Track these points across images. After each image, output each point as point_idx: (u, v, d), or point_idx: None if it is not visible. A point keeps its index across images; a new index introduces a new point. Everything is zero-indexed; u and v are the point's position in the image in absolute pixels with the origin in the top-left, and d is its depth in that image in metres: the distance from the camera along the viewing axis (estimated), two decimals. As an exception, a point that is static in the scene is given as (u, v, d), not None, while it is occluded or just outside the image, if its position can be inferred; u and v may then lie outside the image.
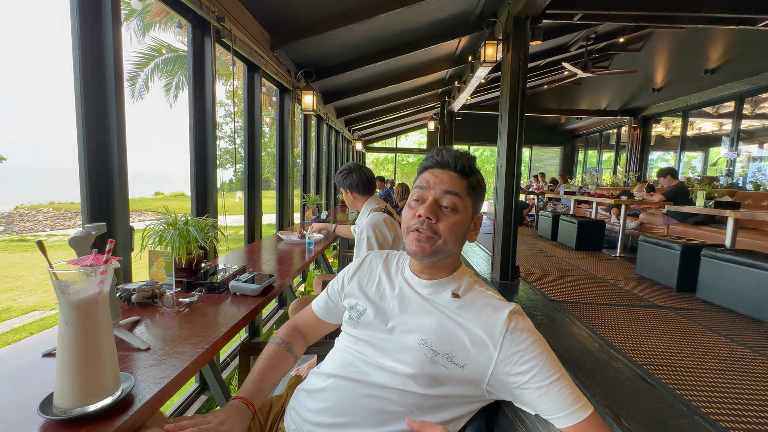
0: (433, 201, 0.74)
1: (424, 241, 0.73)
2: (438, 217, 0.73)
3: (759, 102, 5.85)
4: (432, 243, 0.73)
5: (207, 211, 2.08)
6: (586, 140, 11.31)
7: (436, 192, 0.74)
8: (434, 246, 0.73)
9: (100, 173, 1.36)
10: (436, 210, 0.73)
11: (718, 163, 6.66)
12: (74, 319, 0.59)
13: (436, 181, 0.75)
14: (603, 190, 6.88)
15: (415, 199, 0.77)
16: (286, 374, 0.90)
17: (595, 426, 0.62)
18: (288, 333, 0.93)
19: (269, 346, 0.88)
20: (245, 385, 0.78)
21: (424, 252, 0.73)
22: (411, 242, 0.75)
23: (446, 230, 0.73)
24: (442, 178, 0.75)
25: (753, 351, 2.11)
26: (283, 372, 0.85)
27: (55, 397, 0.60)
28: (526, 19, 3.17)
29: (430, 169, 0.78)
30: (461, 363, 0.68)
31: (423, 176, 0.78)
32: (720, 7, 3.22)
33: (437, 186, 0.75)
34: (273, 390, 0.82)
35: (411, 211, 0.76)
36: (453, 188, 0.74)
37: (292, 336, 0.92)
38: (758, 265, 2.50)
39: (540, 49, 6.30)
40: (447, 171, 0.76)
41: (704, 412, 1.50)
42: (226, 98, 13.56)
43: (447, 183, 0.75)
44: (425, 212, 0.72)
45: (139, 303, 1.12)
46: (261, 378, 0.79)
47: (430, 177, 0.77)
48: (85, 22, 1.29)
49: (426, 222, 0.73)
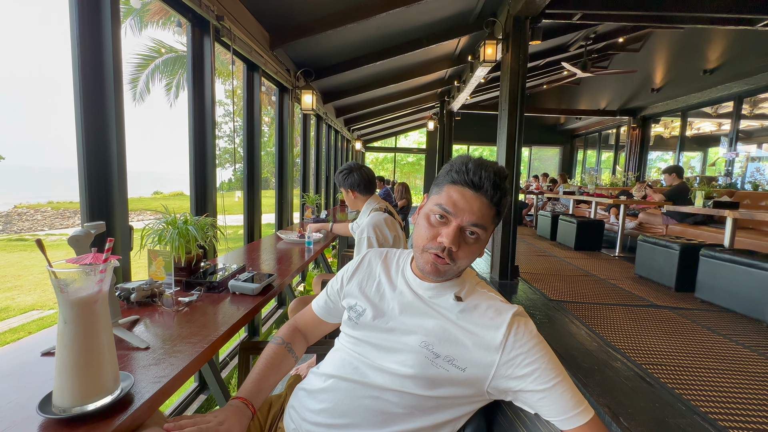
0: (457, 228, 0.68)
1: (441, 266, 0.70)
2: (459, 245, 0.69)
3: (758, 102, 5.86)
4: (447, 268, 0.71)
5: (206, 211, 2.08)
6: (585, 140, 11.32)
7: (463, 220, 0.68)
8: (449, 271, 0.72)
9: (99, 172, 1.36)
10: (459, 240, 0.69)
11: (717, 163, 6.67)
12: (73, 318, 0.59)
13: (466, 208, 0.68)
14: (602, 190, 6.89)
15: (437, 215, 0.70)
16: (287, 374, 0.89)
17: (595, 430, 0.62)
18: (289, 333, 0.92)
19: (270, 345, 0.88)
20: (245, 385, 0.77)
21: (437, 274, 0.71)
22: (426, 263, 0.71)
23: (464, 257, 0.70)
24: (473, 205, 0.68)
25: (751, 350, 2.11)
26: (283, 372, 0.85)
27: (54, 395, 0.60)
28: (525, 18, 3.17)
29: (460, 187, 0.69)
30: (462, 366, 0.68)
31: (451, 194, 0.69)
32: (719, 7, 3.22)
33: (465, 214, 0.68)
34: (273, 390, 0.82)
35: (430, 230, 0.70)
36: (481, 220, 0.68)
37: (293, 336, 0.92)
38: (757, 264, 2.51)
39: (539, 48, 6.31)
40: (480, 197, 0.68)
41: (703, 411, 1.51)
42: (225, 97, 13.55)
43: (477, 214, 0.68)
44: (449, 242, 0.68)
45: (139, 302, 1.11)
46: (261, 378, 0.79)
47: (459, 199, 0.69)
48: (84, 21, 1.29)
49: (447, 250, 0.69)
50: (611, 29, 6.60)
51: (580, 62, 6.52)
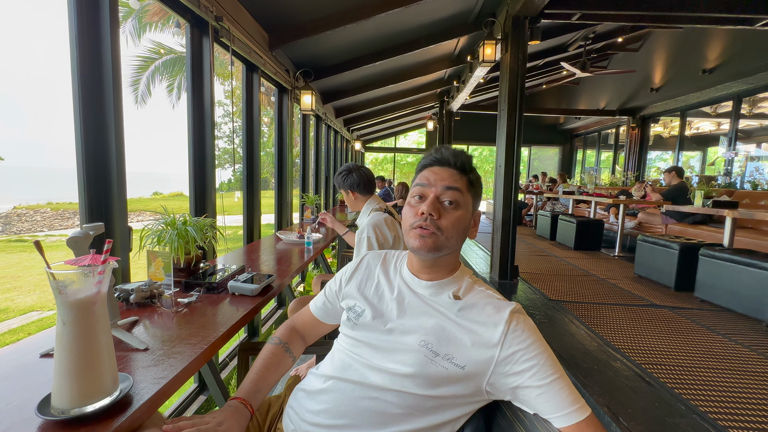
0: (434, 197, 0.74)
1: (427, 236, 0.73)
2: (440, 213, 0.73)
3: (757, 102, 5.87)
4: (435, 239, 0.73)
5: (206, 211, 2.08)
6: (584, 140, 11.33)
7: (438, 188, 0.75)
8: (437, 241, 0.73)
9: (98, 173, 1.36)
10: (438, 206, 0.74)
11: (716, 162, 6.68)
12: (72, 320, 0.58)
13: (437, 178, 0.75)
14: (601, 190, 6.90)
15: (416, 196, 0.77)
16: (285, 374, 0.89)
17: (592, 427, 0.62)
18: (286, 333, 0.92)
19: (267, 346, 0.88)
20: (243, 386, 0.78)
21: (427, 247, 0.73)
22: (414, 238, 0.74)
23: (448, 226, 0.73)
24: (443, 174, 0.76)
25: (751, 350, 2.11)
26: (281, 372, 0.85)
27: (53, 397, 0.60)
28: (524, 18, 3.17)
29: (429, 167, 0.78)
30: (461, 364, 0.68)
31: (422, 174, 0.78)
32: (718, 7, 3.23)
33: (438, 182, 0.75)
34: (272, 390, 0.82)
35: (412, 209, 0.76)
36: (454, 184, 0.75)
37: (290, 336, 0.92)
38: (756, 264, 2.51)
39: (539, 48, 6.31)
40: (447, 168, 0.77)
41: (702, 410, 1.51)
42: (225, 98, 13.54)
43: (448, 179, 0.75)
44: (428, 208, 0.73)
45: (138, 303, 1.11)
46: (259, 378, 0.79)
47: (430, 174, 0.77)
48: (82, 21, 1.29)
49: (429, 218, 0.73)
50: (610, 29, 6.61)
51: (579, 62, 6.52)
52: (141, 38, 8.50)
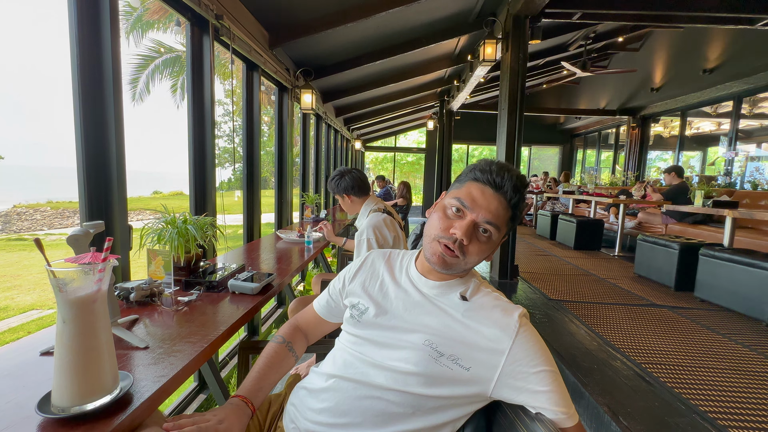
0: (471, 223, 0.70)
1: (449, 258, 0.71)
2: (470, 239, 0.70)
3: (757, 102, 5.87)
4: (455, 261, 0.71)
5: (206, 210, 2.08)
6: (584, 139, 11.32)
7: (479, 216, 0.70)
8: (456, 264, 0.72)
9: (98, 171, 1.35)
10: (471, 233, 0.70)
11: (717, 162, 6.67)
12: (72, 318, 0.58)
13: (483, 205, 0.70)
14: (601, 190, 6.89)
15: (453, 208, 0.72)
16: (287, 373, 0.89)
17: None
18: (289, 332, 0.92)
19: (270, 344, 0.87)
20: (245, 384, 0.77)
21: (443, 265, 0.72)
22: (433, 252, 0.72)
23: (474, 253, 0.71)
24: (491, 203, 0.70)
25: (751, 350, 2.12)
26: (283, 371, 0.85)
27: (53, 395, 0.60)
28: (525, 18, 3.17)
29: (481, 185, 0.72)
30: (467, 365, 0.68)
31: (470, 190, 0.72)
32: (719, 7, 3.23)
33: (482, 210, 0.70)
34: (273, 389, 0.82)
35: (444, 221, 0.72)
36: (496, 220, 0.70)
37: (294, 335, 0.92)
38: (756, 264, 2.51)
39: (539, 48, 6.30)
40: (499, 197, 0.71)
41: (702, 410, 1.51)
42: (225, 97, 13.52)
43: (493, 212, 0.70)
44: (461, 234, 0.69)
45: (138, 302, 1.11)
46: (261, 377, 0.79)
47: (479, 195, 0.71)
48: (82, 20, 1.28)
49: (458, 242, 0.70)
50: (611, 29, 6.60)
51: (579, 62, 6.51)
52: (144, 37, 8.50)
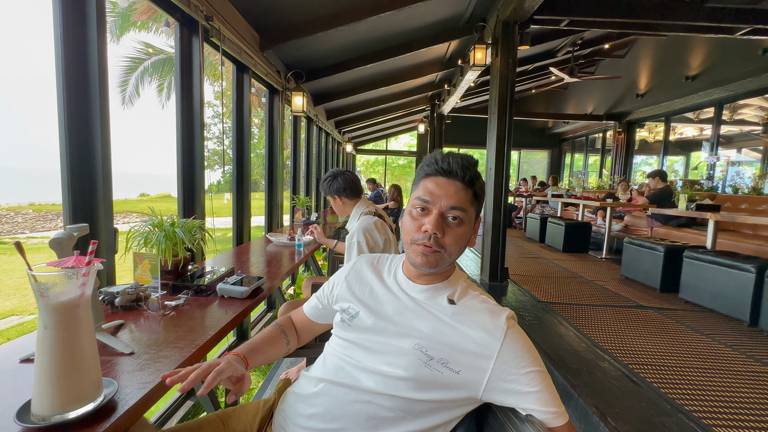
0: (438, 215, 0.70)
1: (431, 255, 0.71)
2: (444, 231, 0.71)
3: (737, 108, 6.05)
4: (438, 256, 0.71)
5: (194, 213, 2.05)
6: (572, 144, 11.51)
7: (442, 206, 0.71)
8: (440, 259, 0.72)
9: (83, 173, 1.32)
10: (442, 224, 0.71)
11: (699, 167, 6.86)
12: (54, 323, 0.57)
13: (442, 194, 0.71)
14: (589, 193, 7.02)
15: (418, 208, 0.73)
16: (280, 356, 0.91)
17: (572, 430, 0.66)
18: (286, 321, 0.95)
19: (265, 327, 0.91)
20: (239, 348, 0.79)
21: (429, 265, 0.72)
22: (416, 255, 0.72)
23: (452, 243, 0.71)
24: (448, 190, 0.71)
25: (734, 350, 2.17)
26: (276, 350, 0.87)
27: (33, 404, 0.58)
28: (514, 24, 3.22)
29: (433, 177, 0.73)
30: (456, 369, 0.68)
31: (426, 185, 0.73)
32: (700, 16, 3.33)
33: (443, 199, 0.71)
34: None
35: (414, 222, 0.73)
36: (459, 203, 0.71)
37: (288, 325, 0.95)
38: (737, 266, 2.58)
39: (528, 53, 6.40)
40: (453, 181, 0.72)
41: (688, 410, 1.54)
42: (214, 99, 13.40)
43: (453, 197, 0.71)
44: (432, 228, 0.70)
45: (123, 306, 1.09)
46: (256, 344, 0.82)
47: (434, 188, 0.72)
48: (68, 18, 1.26)
49: (433, 237, 0.70)
50: (597, 36, 6.75)
51: (567, 67, 6.64)
52: (126, 34, 8.35)
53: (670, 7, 3.42)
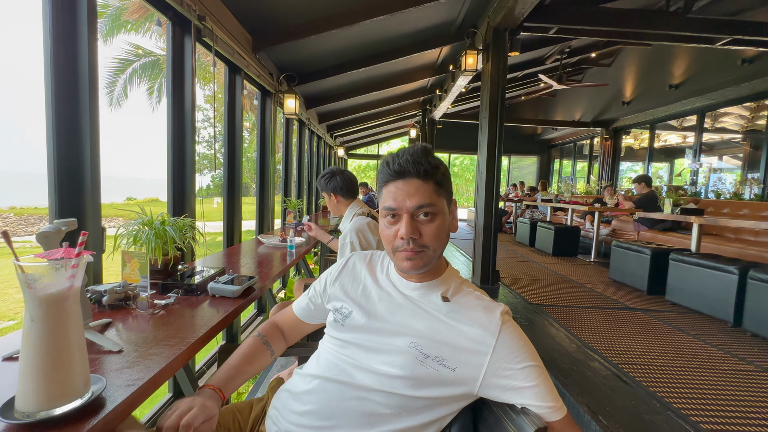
0: (408, 218, 0.70)
1: (415, 258, 0.71)
2: (419, 232, 0.70)
3: (718, 116, 6.25)
4: (422, 256, 0.71)
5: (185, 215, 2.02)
6: (561, 150, 11.71)
7: (408, 208, 0.70)
8: (425, 258, 0.72)
9: (70, 170, 1.30)
10: (415, 226, 0.70)
11: (683, 173, 7.04)
12: (42, 315, 0.55)
13: (404, 196, 0.70)
14: (577, 198, 7.13)
15: (388, 216, 0.72)
16: (263, 369, 0.89)
17: (568, 427, 0.66)
18: (267, 328, 0.92)
19: (246, 339, 0.88)
20: (217, 374, 0.78)
21: (416, 267, 0.72)
22: (401, 261, 0.72)
23: (431, 240, 0.71)
24: (408, 190, 0.70)
25: (719, 349, 2.21)
26: (258, 365, 0.85)
27: (18, 400, 0.56)
28: (505, 30, 3.28)
29: (391, 183, 0.72)
30: (452, 366, 0.68)
31: (387, 192, 0.72)
32: (683, 26, 3.44)
33: (406, 202, 0.70)
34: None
35: (389, 229, 0.72)
36: (423, 200, 0.70)
37: (271, 331, 0.92)
38: (721, 267, 2.65)
39: (518, 60, 6.52)
40: (409, 180, 0.70)
41: (676, 407, 1.56)
42: (204, 102, 13.28)
43: (415, 196, 0.70)
44: (406, 233, 0.69)
45: (111, 305, 1.06)
46: (234, 368, 0.80)
47: (395, 192, 0.71)
48: (58, 18, 1.24)
49: (410, 241, 0.70)
50: (584, 44, 6.92)
51: (555, 75, 6.78)
52: (117, 35, 8.25)
53: (654, 17, 3.53)
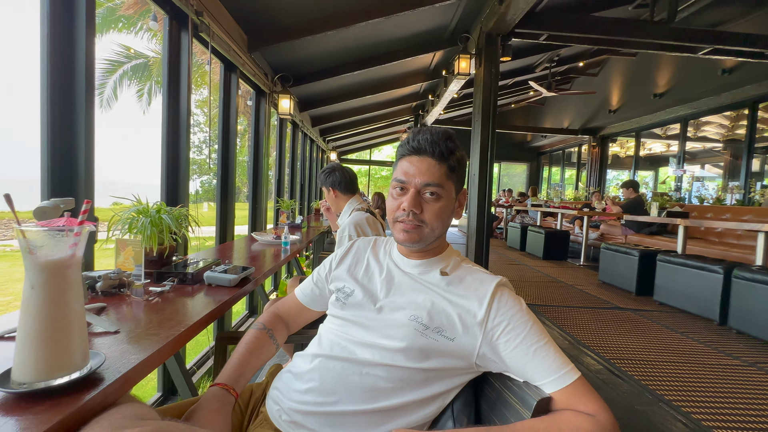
0: (414, 192, 0.73)
1: (412, 231, 0.73)
2: (422, 207, 0.73)
3: (700, 125, 6.46)
4: (419, 231, 0.73)
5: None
6: (550, 157, 11.94)
7: (416, 183, 0.73)
8: (422, 234, 0.73)
9: (63, 169, 1.29)
10: (419, 201, 0.73)
11: (667, 181, 7.24)
12: (42, 283, 0.54)
13: (415, 172, 0.73)
14: (567, 203, 7.26)
15: (397, 188, 0.75)
16: (267, 361, 0.87)
17: (581, 389, 0.63)
18: (270, 319, 0.90)
19: (250, 331, 0.85)
20: (225, 371, 0.75)
21: (412, 240, 0.74)
22: (398, 232, 0.75)
23: (431, 218, 0.73)
24: (420, 167, 0.73)
25: (705, 345, 2.26)
26: (264, 358, 0.83)
27: (14, 371, 0.54)
28: (497, 36, 3.36)
29: (407, 157, 0.75)
30: (451, 336, 0.69)
31: (401, 165, 0.76)
32: (667, 35, 3.57)
33: (417, 177, 0.73)
34: (255, 378, 0.79)
35: (394, 201, 0.75)
36: (432, 179, 0.72)
37: (275, 322, 0.90)
38: (707, 267, 2.72)
39: (509, 68, 6.67)
40: (424, 158, 0.73)
41: (667, 399, 1.59)
42: (196, 108, 13.16)
43: (426, 174, 0.72)
44: (408, 206, 0.72)
45: (104, 292, 1.04)
46: (242, 363, 0.77)
47: (408, 167, 0.74)
48: (55, 17, 1.24)
49: (411, 213, 0.72)
50: (573, 53, 7.11)
51: (545, 83, 6.94)
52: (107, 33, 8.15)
53: (640, 26, 3.66)
